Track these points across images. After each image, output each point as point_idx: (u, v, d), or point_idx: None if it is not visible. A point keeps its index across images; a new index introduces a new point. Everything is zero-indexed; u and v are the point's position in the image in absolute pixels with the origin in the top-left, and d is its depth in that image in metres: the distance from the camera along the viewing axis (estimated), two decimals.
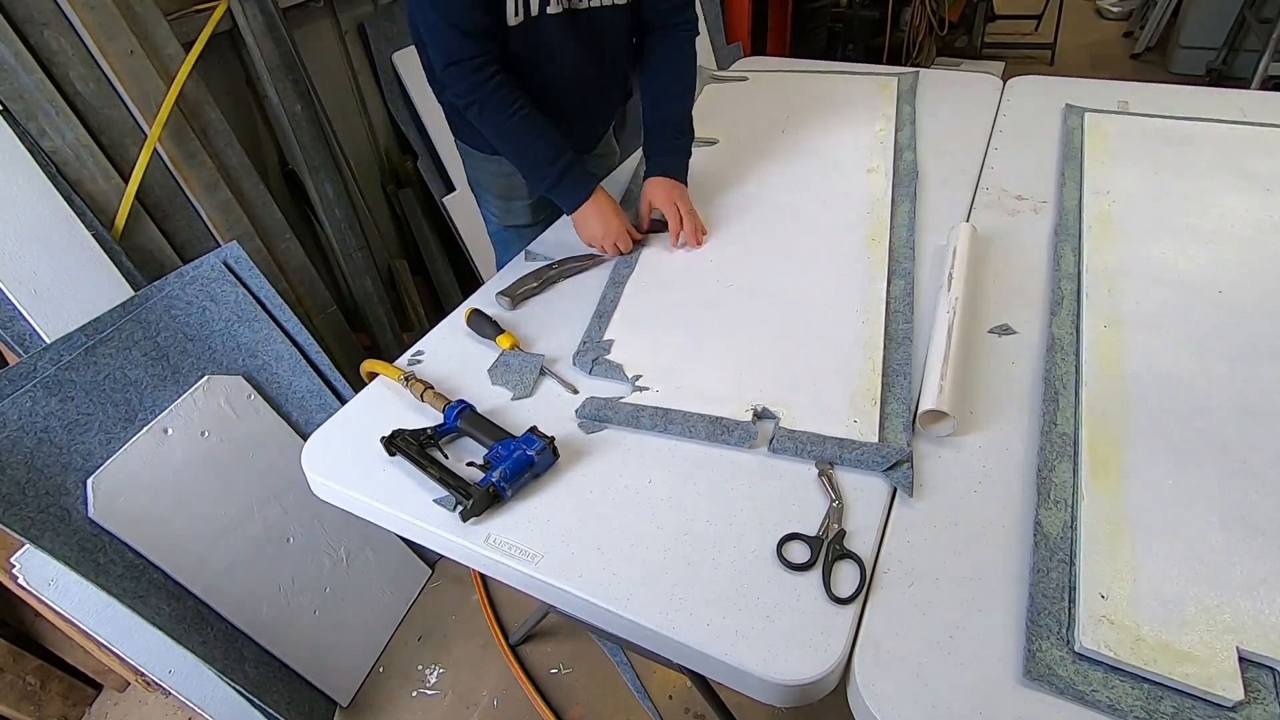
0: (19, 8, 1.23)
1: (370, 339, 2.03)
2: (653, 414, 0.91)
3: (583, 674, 1.56)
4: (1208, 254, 1.11)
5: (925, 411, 0.86)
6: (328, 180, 1.79)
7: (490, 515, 0.82)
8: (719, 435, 0.88)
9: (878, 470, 0.82)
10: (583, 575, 0.75)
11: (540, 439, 0.86)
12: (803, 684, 0.64)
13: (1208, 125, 1.44)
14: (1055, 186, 1.32)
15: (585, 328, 1.10)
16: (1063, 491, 0.78)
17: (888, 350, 0.99)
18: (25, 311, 1.20)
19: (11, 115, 1.22)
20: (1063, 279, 1.08)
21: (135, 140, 1.39)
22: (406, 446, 0.90)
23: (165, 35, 1.42)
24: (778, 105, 1.74)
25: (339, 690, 1.53)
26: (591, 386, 0.99)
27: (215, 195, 1.51)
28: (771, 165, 1.49)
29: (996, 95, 1.69)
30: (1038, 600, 0.68)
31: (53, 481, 1.15)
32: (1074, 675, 0.62)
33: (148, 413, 1.28)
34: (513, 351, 1.05)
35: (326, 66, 1.89)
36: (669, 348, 1.04)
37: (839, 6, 3.68)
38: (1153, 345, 0.95)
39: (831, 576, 0.71)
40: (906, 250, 1.18)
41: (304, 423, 1.51)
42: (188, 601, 1.28)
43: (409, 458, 0.89)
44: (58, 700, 1.52)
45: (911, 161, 1.43)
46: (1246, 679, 0.61)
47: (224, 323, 1.39)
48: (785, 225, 1.30)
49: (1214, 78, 3.76)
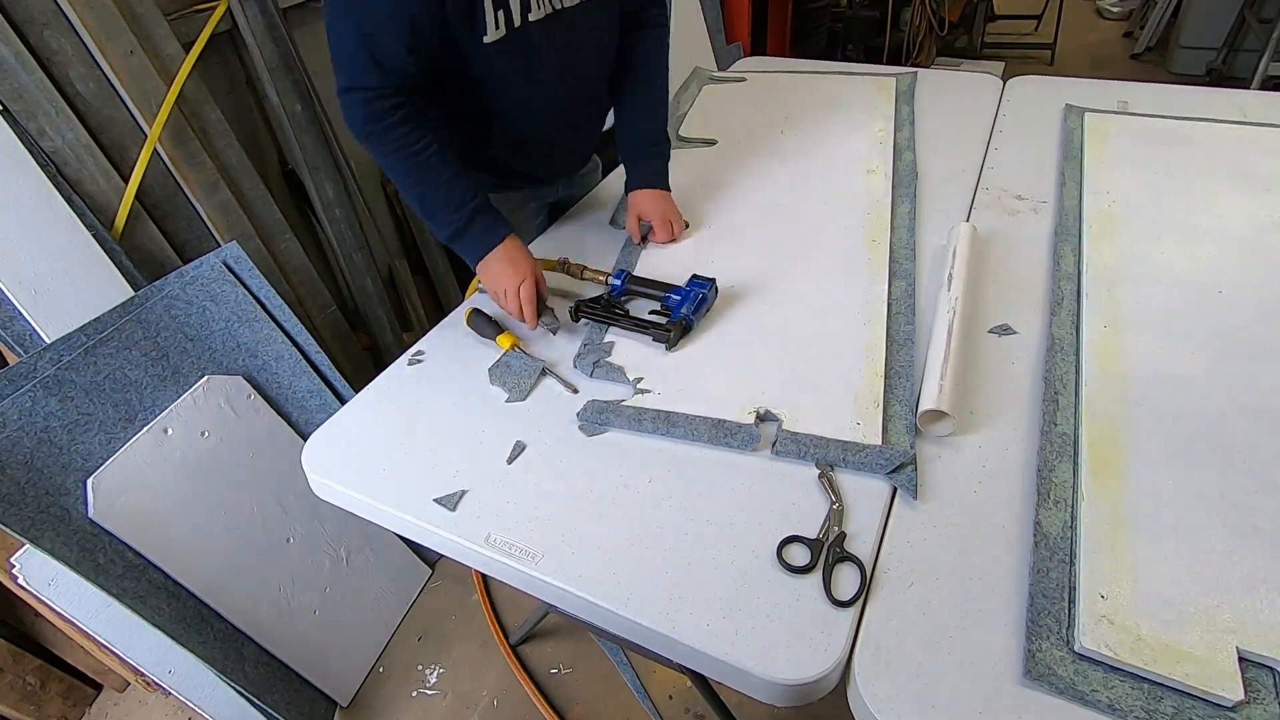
0: (19, 8, 1.23)
1: (370, 339, 2.02)
2: (655, 417, 0.91)
3: (583, 674, 1.56)
4: (1208, 254, 1.10)
5: (925, 411, 0.86)
6: (328, 180, 1.79)
7: (490, 514, 0.82)
8: (721, 438, 0.87)
9: (881, 473, 0.81)
10: (583, 575, 0.75)
11: (706, 280, 1.07)
12: (803, 684, 0.64)
13: (1208, 125, 1.44)
14: (1055, 186, 1.32)
15: (587, 329, 1.10)
16: (1063, 491, 0.78)
17: (889, 352, 0.99)
18: (25, 311, 1.20)
19: (11, 115, 1.22)
20: (1063, 279, 1.08)
21: (135, 140, 1.39)
22: (591, 311, 1.06)
23: (165, 35, 1.42)
24: (777, 105, 1.74)
25: (339, 690, 1.53)
26: (592, 389, 0.99)
27: (215, 195, 1.51)
28: (771, 165, 1.49)
29: (996, 95, 1.69)
30: (1038, 600, 0.68)
31: (53, 481, 1.15)
32: (1074, 675, 0.62)
33: (148, 413, 1.28)
34: (514, 353, 1.05)
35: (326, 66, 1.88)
36: (670, 351, 1.04)
37: (839, 6, 3.68)
38: (1153, 345, 0.95)
39: (832, 579, 0.71)
40: (907, 251, 1.18)
41: (304, 423, 1.51)
42: (188, 601, 1.28)
43: (598, 318, 1.06)
44: (58, 700, 1.52)
45: (911, 162, 1.43)
46: (1246, 679, 0.61)
47: (224, 323, 1.39)
48: (785, 226, 1.30)
49: (1214, 78, 3.76)
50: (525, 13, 1.02)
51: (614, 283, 1.12)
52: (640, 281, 1.12)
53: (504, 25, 1.00)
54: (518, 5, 1.00)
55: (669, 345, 1.01)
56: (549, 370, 1.02)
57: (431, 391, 1.02)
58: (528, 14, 1.02)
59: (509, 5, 0.99)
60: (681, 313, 1.03)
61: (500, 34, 1.01)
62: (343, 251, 1.87)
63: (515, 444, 0.91)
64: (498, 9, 0.98)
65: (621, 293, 1.12)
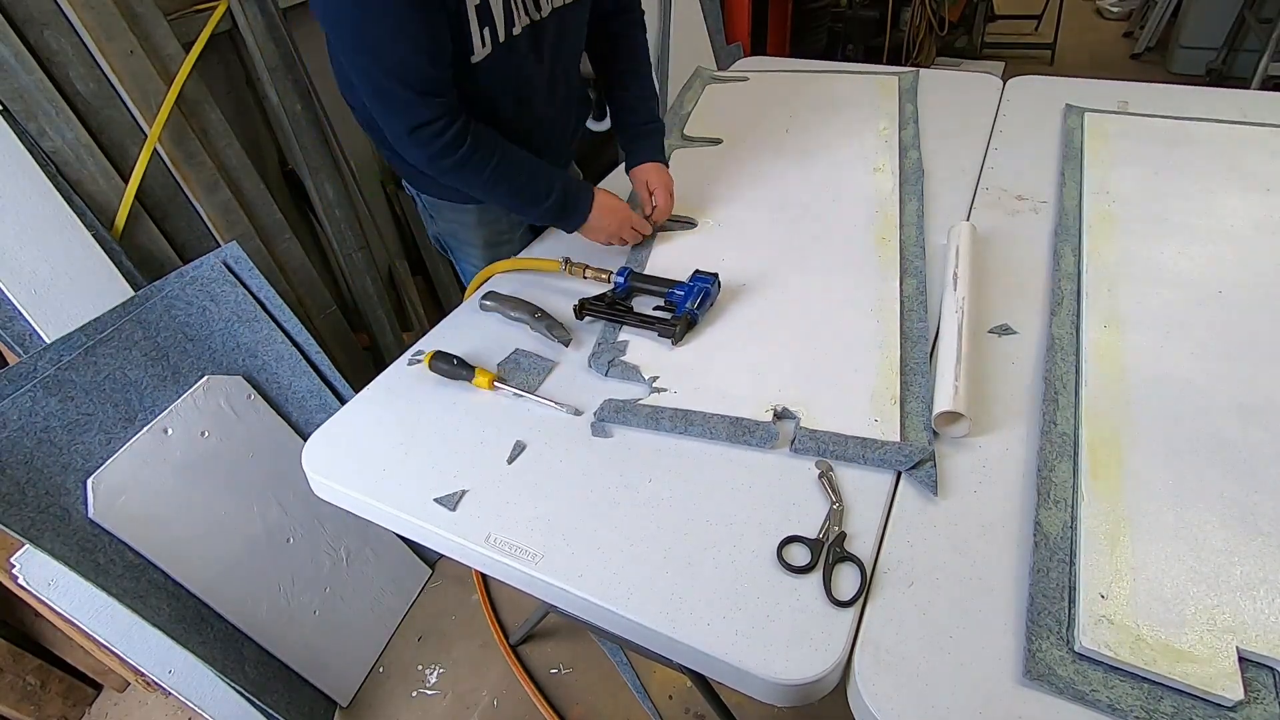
0: (19, 8, 1.23)
1: (370, 339, 2.02)
2: (672, 415, 0.90)
3: (583, 674, 1.56)
4: (1208, 254, 1.11)
5: (940, 413, 0.85)
6: (328, 180, 1.79)
7: (490, 514, 0.82)
8: (740, 436, 0.87)
9: (903, 469, 0.82)
10: (583, 575, 0.75)
11: (709, 275, 1.09)
12: (803, 683, 0.64)
13: (1208, 125, 1.44)
14: (1055, 186, 1.32)
15: (600, 329, 1.10)
16: (1063, 491, 0.78)
17: (904, 348, 0.99)
18: (25, 311, 1.20)
19: (11, 115, 1.22)
20: (1063, 279, 1.08)
21: (135, 140, 1.39)
22: (595, 308, 1.08)
23: (165, 35, 1.42)
24: (780, 105, 1.74)
25: (339, 690, 1.53)
26: (606, 389, 0.98)
27: (215, 195, 1.51)
28: (777, 164, 1.49)
29: (996, 95, 1.69)
30: (1038, 600, 0.68)
31: (53, 481, 1.15)
32: (1074, 675, 0.62)
33: (148, 413, 1.28)
34: (523, 352, 1.05)
35: (326, 66, 1.88)
36: (685, 348, 1.04)
37: (839, 6, 3.68)
38: (1153, 345, 0.95)
39: (832, 579, 0.71)
40: (916, 249, 1.18)
41: (304, 423, 1.51)
42: (188, 601, 1.28)
43: (602, 315, 1.07)
44: (58, 700, 1.52)
45: (916, 159, 1.43)
46: (1246, 679, 0.61)
47: (224, 323, 1.39)
48: (794, 224, 1.30)
49: (1214, 78, 3.76)
50: (510, 27, 1.03)
51: (618, 280, 1.13)
52: (643, 279, 1.14)
53: (490, 43, 1.02)
54: (502, 21, 1.01)
55: (675, 340, 1.02)
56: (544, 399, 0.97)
57: (432, 391, 1.02)
58: (511, 28, 1.03)
59: (494, 22, 1.00)
60: (686, 307, 1.05)
61: (486, 51, 1.02)
62: (343, 251, 1.87)
63: (515, 444, 0.91)
64: (483, 26, 1.00)
65: (625, 290, 1.13)
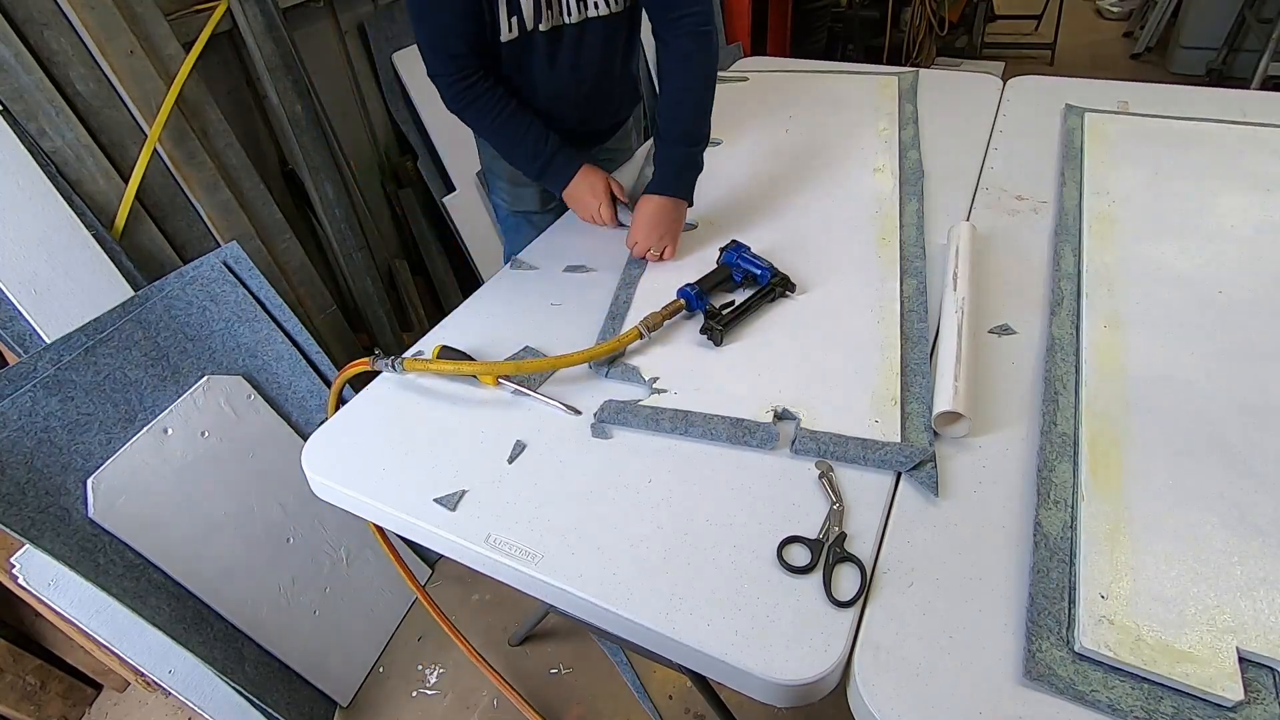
0: (19, 8, 1.23)
1: (370, 339, 2.03)
2: (673, 416, 0.90)
3: (583, 674, 1.56)
4: (1208, 254, 1.10)
5: (940, 413, 0.85)
6: (328, 180, 1.79)
7: (490, 515, 0.82)
8: (740, 437, 0.87)
9: (904, 470, 0.81)
10: (583, 575, 0.75)
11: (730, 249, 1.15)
12: (803, 684, 0.64)
13: (1208, 125, 1.44)
14: (1055, 186, 1.32)
15: (599, 329, 1.10)
16: (1063, 491, 0.78)
17: (905, 350, 0.99)
18: (25, 311, 1.20)
19: (11, 115, 1.22)
20: (1063, 279, 1.08)
21: (135, 140, 1.39)
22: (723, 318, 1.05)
23: (165, 35, 1.42)
24: (780, 105, 1.74)
25: (339, 690, 1.53)
26: (606, 389, 0.99)
27: (215, 195, 1.51)
28: (778, 165, 1.50)
29: (996, 95, 1.69)
30: (1038, 600, 0.68)
31: (53, 481, 1.15)
32: (1074, 675, 0.62)
33: (148, 413, 1.28)
34: (532, 349, 1.05)
35: (326, 66, 1.90)
36: (684, 349, 1.04)
37: (839, 6, 3.68)
38: (1153, 345, 0.95)
39: (832, 580, 0.71)
40: (916, 249, 1.18)
41: (304, 423, 1.51)
42: (188, 601, 1.28)
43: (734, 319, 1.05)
44: (58, 700, 1.52)
45: (917, 160, 1.43)
46: (1246, 679, 0.61)
47: (224, 323, 1.39)
48: (795, 224, 1.30)
49: (1214, 78, 3.76)
50: (538, 22, 1.16)
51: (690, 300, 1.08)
52: (706, 281, 1.11)
53: (517, 29, 1.15)
54: (530, 14, 1.14)
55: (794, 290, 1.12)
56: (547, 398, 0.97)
57: (431, 391, 1.02)
58: (539, 24, 1.16)
59: (521, 13, 1.13)
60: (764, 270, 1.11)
61: (513, 35, 1.16)
62: (343, 251, 1.87)
63: (515, 444, 0.91)
64: (511, 15, 1.13)
65: (704, 305, 1.08)
